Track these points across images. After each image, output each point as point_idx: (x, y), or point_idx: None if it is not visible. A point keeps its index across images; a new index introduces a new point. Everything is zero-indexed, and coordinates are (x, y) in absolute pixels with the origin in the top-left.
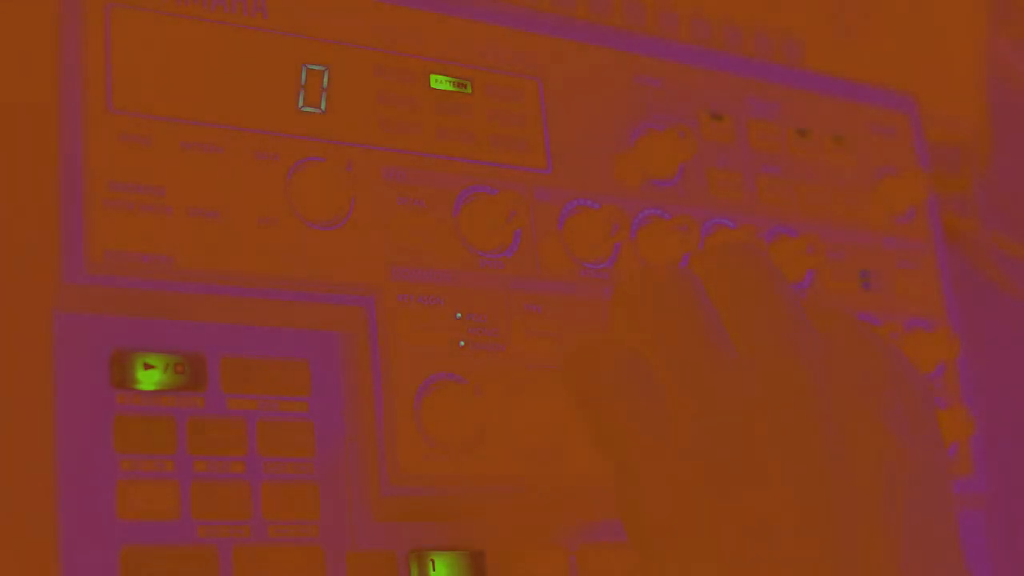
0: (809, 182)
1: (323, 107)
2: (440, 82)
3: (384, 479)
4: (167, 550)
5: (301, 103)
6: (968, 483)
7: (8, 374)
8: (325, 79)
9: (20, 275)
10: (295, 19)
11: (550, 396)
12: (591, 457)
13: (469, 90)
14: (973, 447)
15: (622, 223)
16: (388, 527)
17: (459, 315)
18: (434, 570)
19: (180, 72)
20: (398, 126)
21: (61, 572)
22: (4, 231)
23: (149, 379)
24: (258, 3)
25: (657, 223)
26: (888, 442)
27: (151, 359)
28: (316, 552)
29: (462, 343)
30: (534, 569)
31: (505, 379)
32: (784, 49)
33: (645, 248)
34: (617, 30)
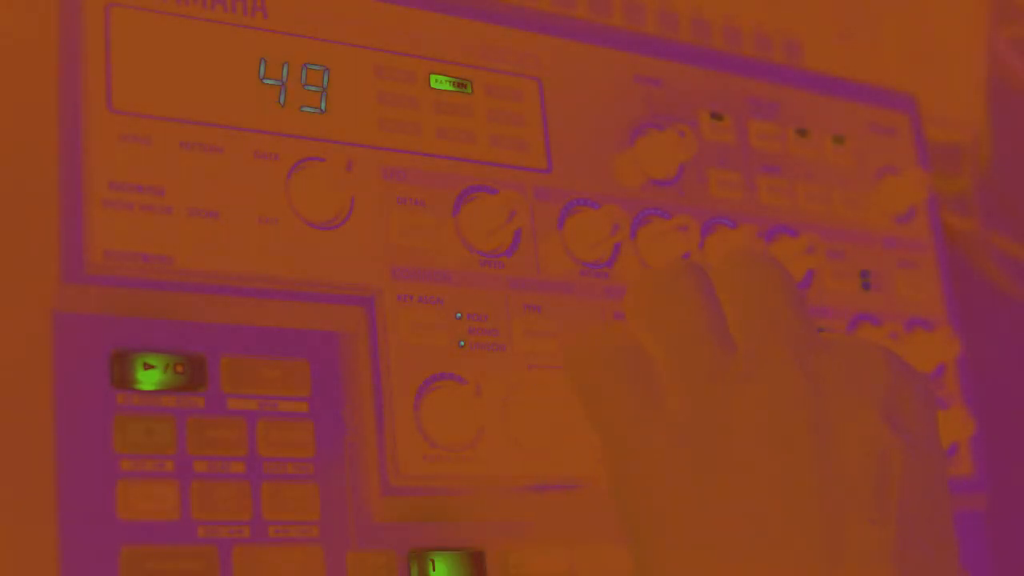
0: (809, 182)
1: (323, 107)
2: (440, 82)
3: (384, 479)
4: (167, 550)
5: (301, 103)
6: (968, 483)
7: (8, 374)
8: (325, 79)
9: (20, 275)
10: (295, 19)
11: (550, 396)
12: (590, 457)
13: (469, 90)
14: (973, 447)
15: (622, 223)
16: (388, 527)
17: (459, 315)
18: (434, 570)
19: (180, 72)
20: (398, 126)
21: (61, 572)
22: (4, 231)
23: (149, 379)
24: (258, 3)
25: (657, 223)
26: (880, 436)
27: (151, 359)
28: (316, 552)
29: (462, 343)
30: (534, 569)
31: (505, 379)
32: (784, 49)
33: (645, 248)
34: (617, 30)
